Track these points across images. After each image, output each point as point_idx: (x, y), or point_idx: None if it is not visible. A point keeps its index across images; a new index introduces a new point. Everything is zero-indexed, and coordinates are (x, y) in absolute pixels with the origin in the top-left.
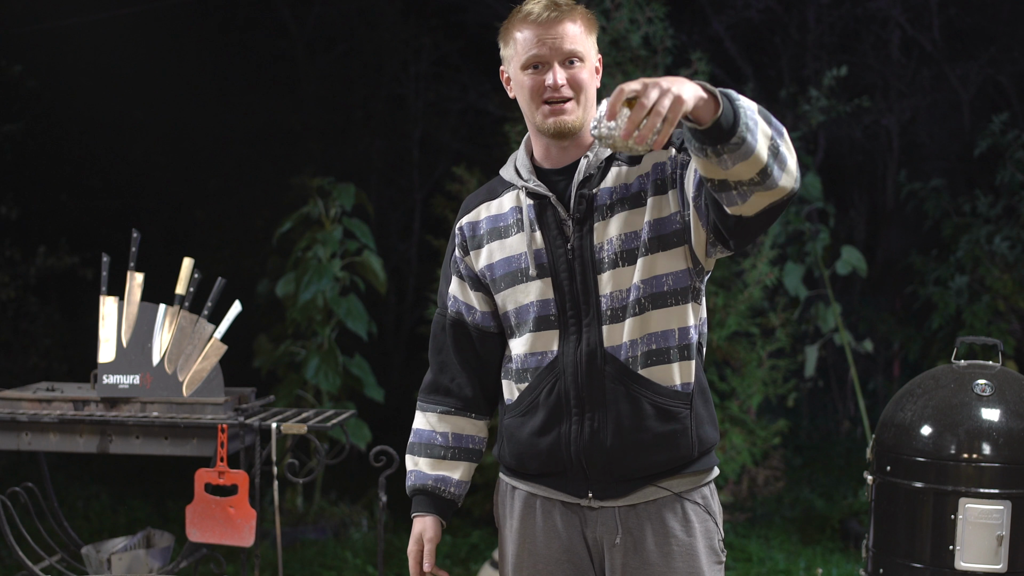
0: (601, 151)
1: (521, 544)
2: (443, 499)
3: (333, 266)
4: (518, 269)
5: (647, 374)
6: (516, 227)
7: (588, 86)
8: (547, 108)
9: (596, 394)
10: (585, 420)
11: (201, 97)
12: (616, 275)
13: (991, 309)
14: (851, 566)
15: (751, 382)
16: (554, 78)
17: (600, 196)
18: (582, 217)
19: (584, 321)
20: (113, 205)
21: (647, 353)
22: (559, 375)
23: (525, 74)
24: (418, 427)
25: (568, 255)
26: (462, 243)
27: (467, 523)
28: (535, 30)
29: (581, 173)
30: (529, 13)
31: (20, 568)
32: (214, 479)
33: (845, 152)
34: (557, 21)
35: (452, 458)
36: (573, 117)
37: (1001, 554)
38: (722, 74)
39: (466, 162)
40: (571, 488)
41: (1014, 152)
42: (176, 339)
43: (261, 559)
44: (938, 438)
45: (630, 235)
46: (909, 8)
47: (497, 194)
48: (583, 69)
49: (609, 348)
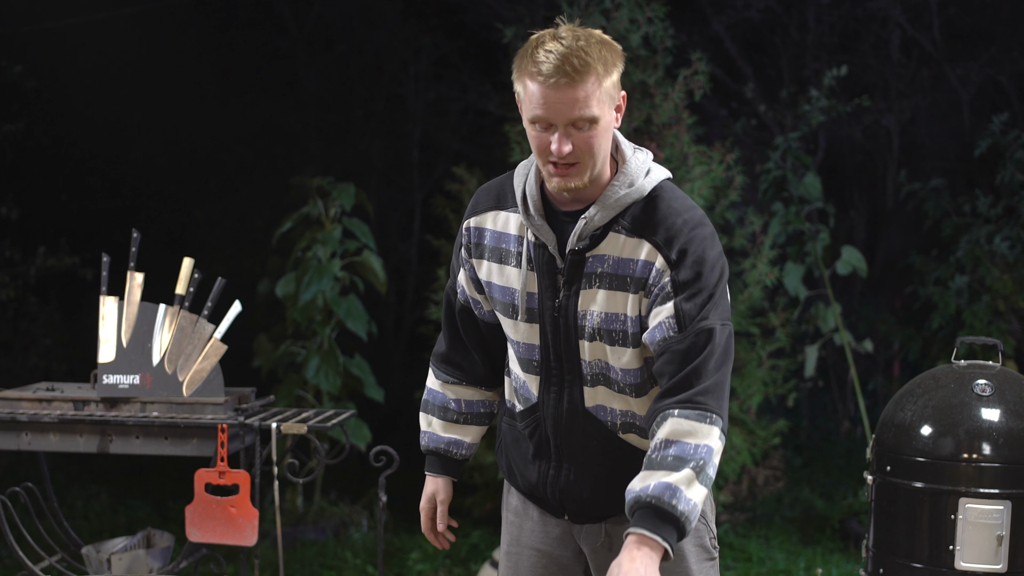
0: (604, 214)
1: (516, 536)
2: (455, 460)
3: (333, 266)
4: (511, 304)
5: (628, 439)
6: (515, 259)
7: (598, 147)
8: (552, 168)
9: (575, 449)
10: (563, 468)
11: (201, 97)
12: (597, 348)
13: (991, 309)
14: (851, 566)
15: (751, 382)
16: (559, 146)
17: (591, 263)
18: (569, 279)
19: (567, 378)
20: (113, 205)
21: (627, 424)
22: (540, 421)
23: (532, 128)
24: (431, 388)
25: (555, 311)
26: (467, 244)
27: (467, 523)
28: (543, 91)
29: (577, 236)
30: (539, 71)
31: (20, 568)
32: (214, 479)
33: (845, 152)
34: (568, 87)
35: (464, 422)
36: (578, 180)
37: (1001, 554)
38: (722, 74)
39: (466, 162)
40: (549, 509)
41: (1014, 152)
42: (176, 339)
43: (261, 559)
44: (938, 438)
45: (611, 316)
46: (909, 8)
47: (506, 206)
48: (594, 131)
49: (590, 408)
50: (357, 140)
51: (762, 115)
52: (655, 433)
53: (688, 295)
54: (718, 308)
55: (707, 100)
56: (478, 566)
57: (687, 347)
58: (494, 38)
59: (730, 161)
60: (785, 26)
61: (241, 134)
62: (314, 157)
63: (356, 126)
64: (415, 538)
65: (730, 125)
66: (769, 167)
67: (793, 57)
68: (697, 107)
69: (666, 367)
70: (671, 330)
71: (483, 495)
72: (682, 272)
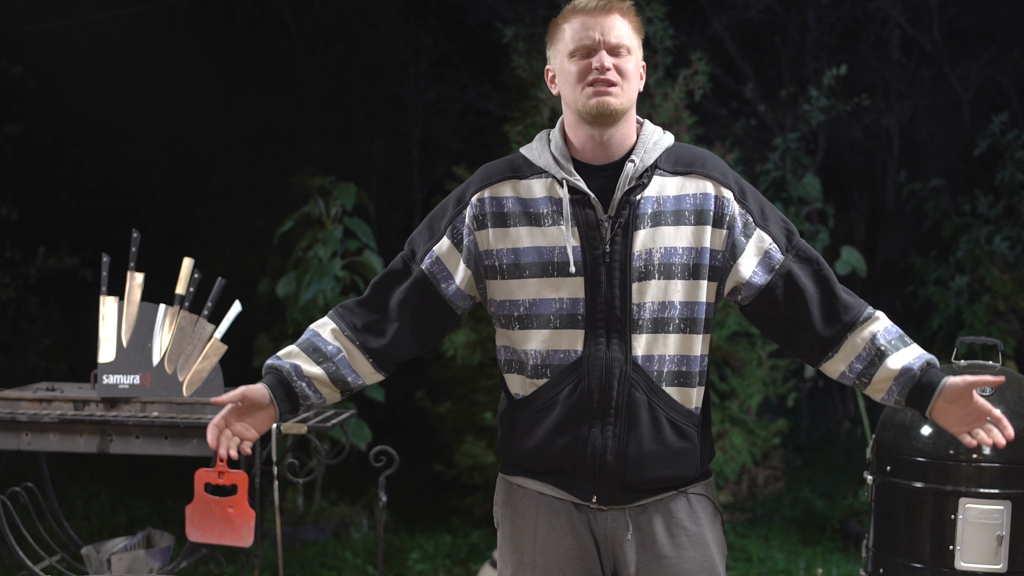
0: (647, 156)
1: (530, 543)
2: (289, 384)
3: (334, 265)
4: (550, 262)
5: (670, 392)
6: (551, 218)
7: (633, 78)
8: (591, 89)
9: (621, 400)
10: (607, 425)
11: (201, 97)
12: (652, 287)
13: (991, 309)
14: (851, 566)
15: (751, 382)
16: (601, 61)
17: (643, 204)
18: (625, 223)
19: (614, 327)
20: (113, 205)
21: (674, 373)
22: (582, 376)
23: (572, 61)
24: (315, 328)
25: (605, 258)
26: (477, 215)
27: (467, 523)
28: (584, 19)
29: (628, 177)
30: (578, 4)
31: (20, 568)
32: (214, 479)
33: (845, 152)
34: (607, 11)
35: (327, 372)
36: (618, 100)
37: (1001, 554)
38: (722, 74)
39: (466, 162)
40: (576, 490)
41: (1014, 152)
42: (176, 339)
43: (261, 559)
44: (938, 438)
45: (669, 250)
46: (909, 8)
47: (524, 175)
48: (629, 60)
49: (638, 358)
50: (357, 140)
51: (762, 115)
52: (866, 329)
53: (767, 222)
54: (788, 224)
55: (707, 100)
56: (478, 566)
57: (812, 272)
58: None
59: (730, 161)
60: (785, 26)
61: (241, 134)
62: (314, 157)
63: (356, 126)
64: (415, 538)
65: (730, 125)
66: (768, 167)
67: (793, 57)
68: (697, 107)
69: (807, 290)
70: (777, 254)
71: (483, 495)
72: (749, 201)
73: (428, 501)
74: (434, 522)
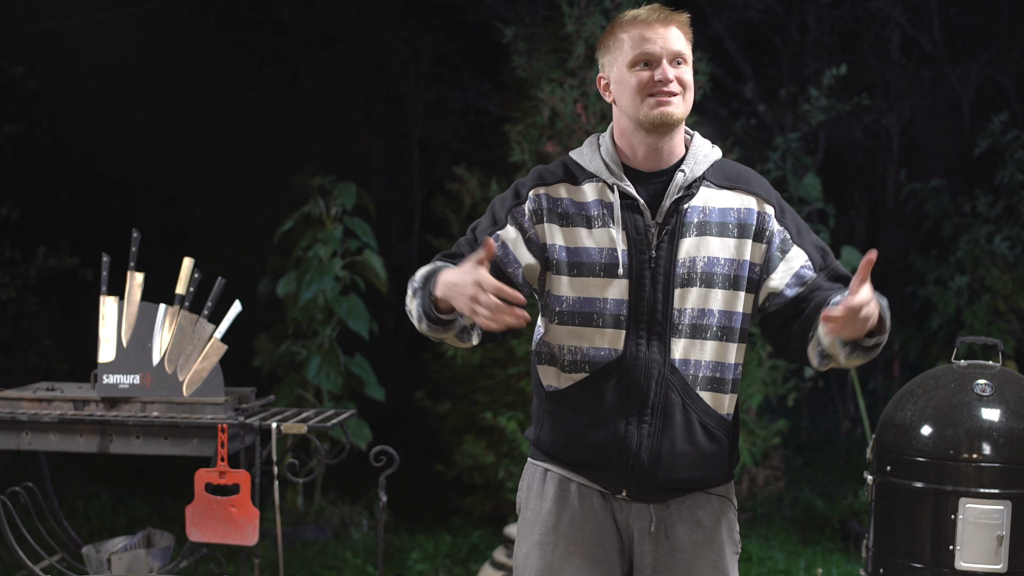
0: (696, 167)
1: (554, 524)
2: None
3: (334, 265)
4: (598, 263)
5: (704, 396)
6: (600, 221)
7: (691, 88)
8: (653, 100)
9: (658, 400)
10: (643, 423)
11: (201, 97)
12: (693, 294)
13: (991, 309)
14: (851, 566)
15: (751, 382)
16: (664, 73)
17: (690, 213)
18: (672, 230)
19: (655, 329)
20: (113, 205)
21: (709, 378)
22: (622, 375)
23: (632, 71)
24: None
25: (650, 263)
26: (537, 210)
27: (467, 523)
28: (644, 30)
29: (678, 186)
30: (637, 15)
31: (20, 568)
32: (215, 479)
33: (845, 152)
34: (667, 23)
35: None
36: (677, 110)
37: (1001, 554)
38: (722, 74)
39: (466, 162)
40: (607, 482)
41: (1014, 152)
42: (176, 339)
43: (261, 559)
44: (938, 438)
45: (712, 260)
46: (909, 8)
47: (577, 181)
48: (686, 71)
49: (675, 360)
50: (357, 140)
51: (762, 115)
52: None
53: (803, 241)
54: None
55: (707, 100)
56: (478, 566)
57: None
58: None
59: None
60: (785, 26)
61: (242, 134)
62: (314, 157)
63: (356, 126)
64: (415, 538)
65: (730, 125)
66: (769, 167)
67: (793, 57)
68: (697, 107)
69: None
70: (809, 271)
71: (483, 495)
72: (787, 220)
73: (428, 501)
74: (434, 522)
